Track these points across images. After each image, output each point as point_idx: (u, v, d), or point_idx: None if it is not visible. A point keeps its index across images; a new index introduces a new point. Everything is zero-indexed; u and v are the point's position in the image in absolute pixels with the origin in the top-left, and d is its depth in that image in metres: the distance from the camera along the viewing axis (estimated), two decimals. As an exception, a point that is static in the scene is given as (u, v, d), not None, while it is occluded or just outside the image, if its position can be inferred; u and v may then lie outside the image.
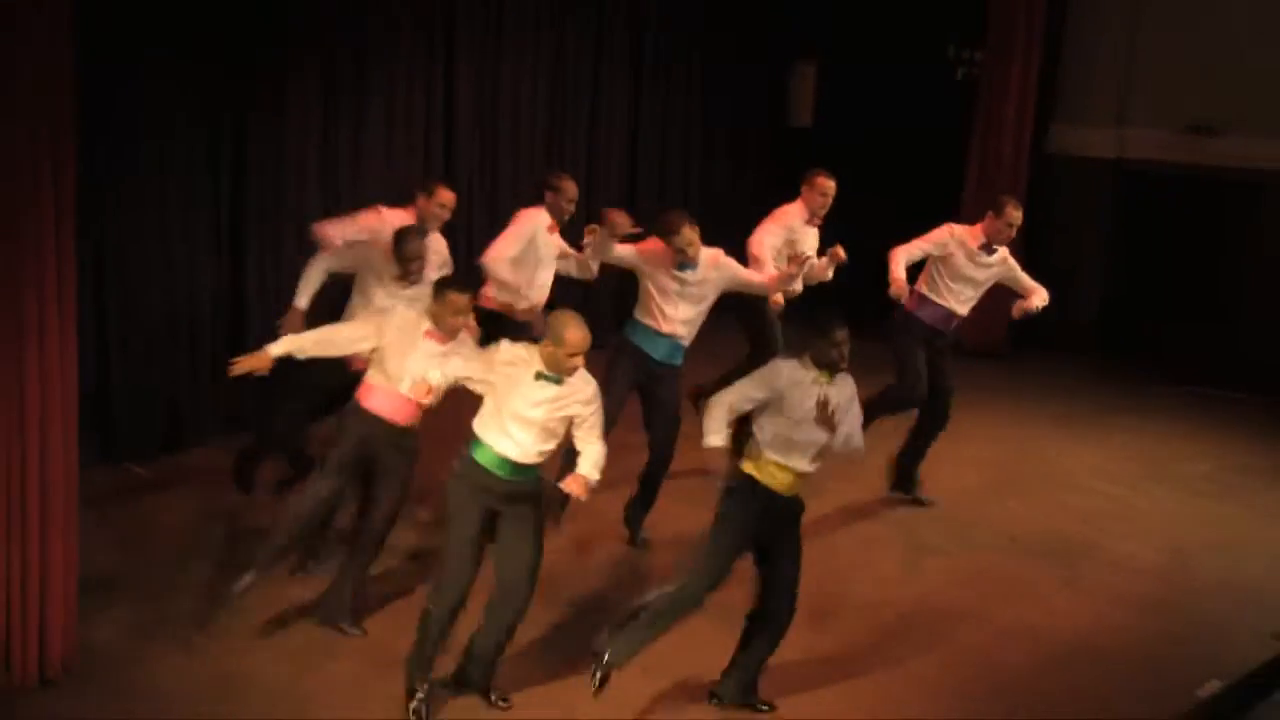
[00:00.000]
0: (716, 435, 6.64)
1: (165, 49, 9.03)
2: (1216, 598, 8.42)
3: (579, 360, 6.46)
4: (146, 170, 9.14)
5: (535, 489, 6.63)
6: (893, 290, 8.99)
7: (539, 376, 6.47)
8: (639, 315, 8.41)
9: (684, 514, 8.20)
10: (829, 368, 6.61)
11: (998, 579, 8.41)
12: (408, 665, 6.57)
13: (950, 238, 9.21)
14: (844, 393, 6.69)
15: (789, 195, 11.00)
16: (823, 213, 9.71)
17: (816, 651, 7.31)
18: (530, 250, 8.68)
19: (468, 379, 6.66)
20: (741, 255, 9.14)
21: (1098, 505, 9.71)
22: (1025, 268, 9.43)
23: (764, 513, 6.61)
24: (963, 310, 9.27)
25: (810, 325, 6.72)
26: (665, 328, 8.30)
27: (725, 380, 8.32)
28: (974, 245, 9.15)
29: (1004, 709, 7.06)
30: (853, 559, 8.55)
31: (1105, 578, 8.52)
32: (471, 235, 10.97)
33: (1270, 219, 10.22)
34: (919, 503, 9.45)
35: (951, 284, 9.20)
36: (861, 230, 10.13)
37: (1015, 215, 9.13)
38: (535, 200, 8.91)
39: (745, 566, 6.69)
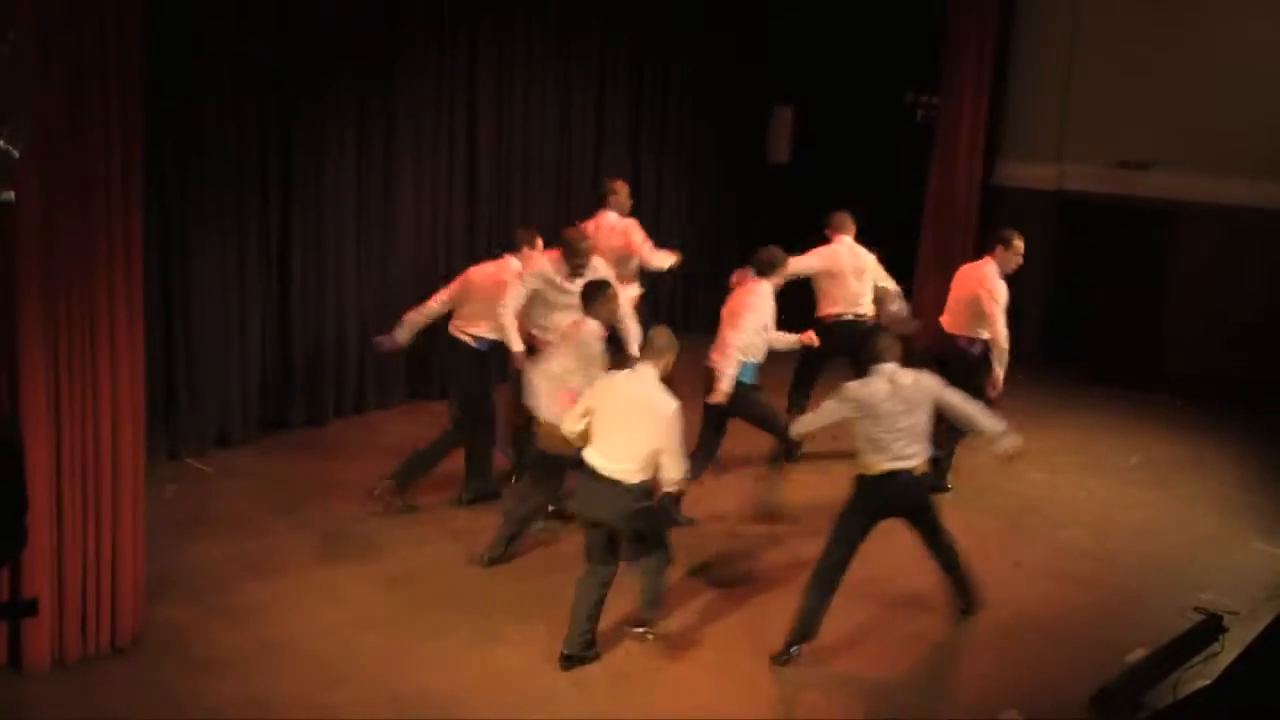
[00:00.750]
0: None
1: (217, 101, 9.09)
2: (1143, 575, 8.42)
3: None
4: (208, 210, 9.18)
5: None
6: None
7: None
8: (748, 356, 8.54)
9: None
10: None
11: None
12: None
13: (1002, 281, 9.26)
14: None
15: (768, 225, 11.07)
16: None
17: (775, 628, 7.20)
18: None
19: None
20: (727, 277, 9.19)
21: (1041, 494, 9.69)
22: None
23: None
24: None
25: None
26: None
27: None
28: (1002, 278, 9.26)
29: (958, 674, 7.08)
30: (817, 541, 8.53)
31: (1047, 558, 8.52)
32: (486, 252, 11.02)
33: (1188, 244, 10.25)
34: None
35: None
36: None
37: (1021, 244, 9.25)
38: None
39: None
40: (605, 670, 6.82)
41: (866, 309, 9.92)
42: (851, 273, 9.85)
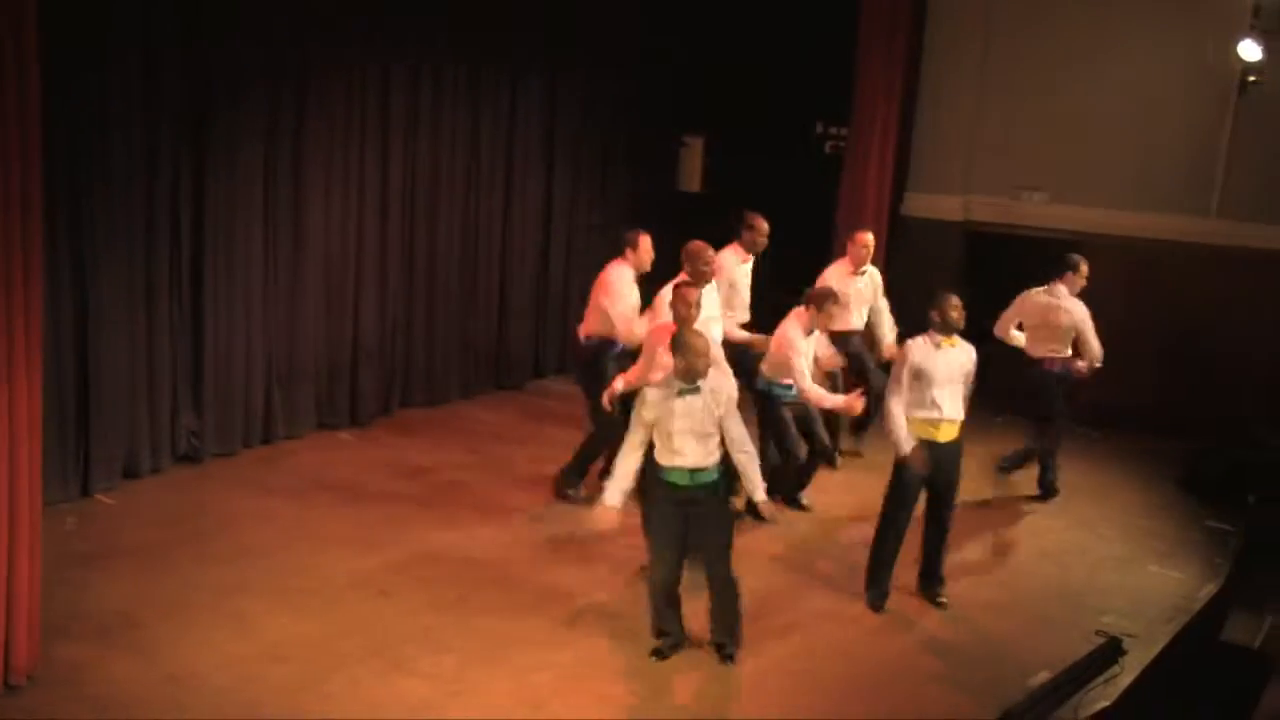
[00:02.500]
0: None
1: (125, 115, 8.93)
2: (1046, 599, 8.56)
3: (705, 362, 6.84)
4: (116, 241, 9.01)
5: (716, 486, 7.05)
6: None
7: (681, 394, 6.78)
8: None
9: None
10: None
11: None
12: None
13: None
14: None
15: (679, 254, 11.12)
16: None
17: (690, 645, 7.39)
18: None
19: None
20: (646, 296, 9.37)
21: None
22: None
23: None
24: None
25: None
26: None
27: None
28: None
29: (864, 697, 7.13)
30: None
31: (953, 583, 8.58)
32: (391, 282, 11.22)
33: (1091, 275, 10.48)
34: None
35: None
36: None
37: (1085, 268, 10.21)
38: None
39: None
40: (513, 700, 6.80)
41: None
42: None
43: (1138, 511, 10.28)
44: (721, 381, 7.08)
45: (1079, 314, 10.05)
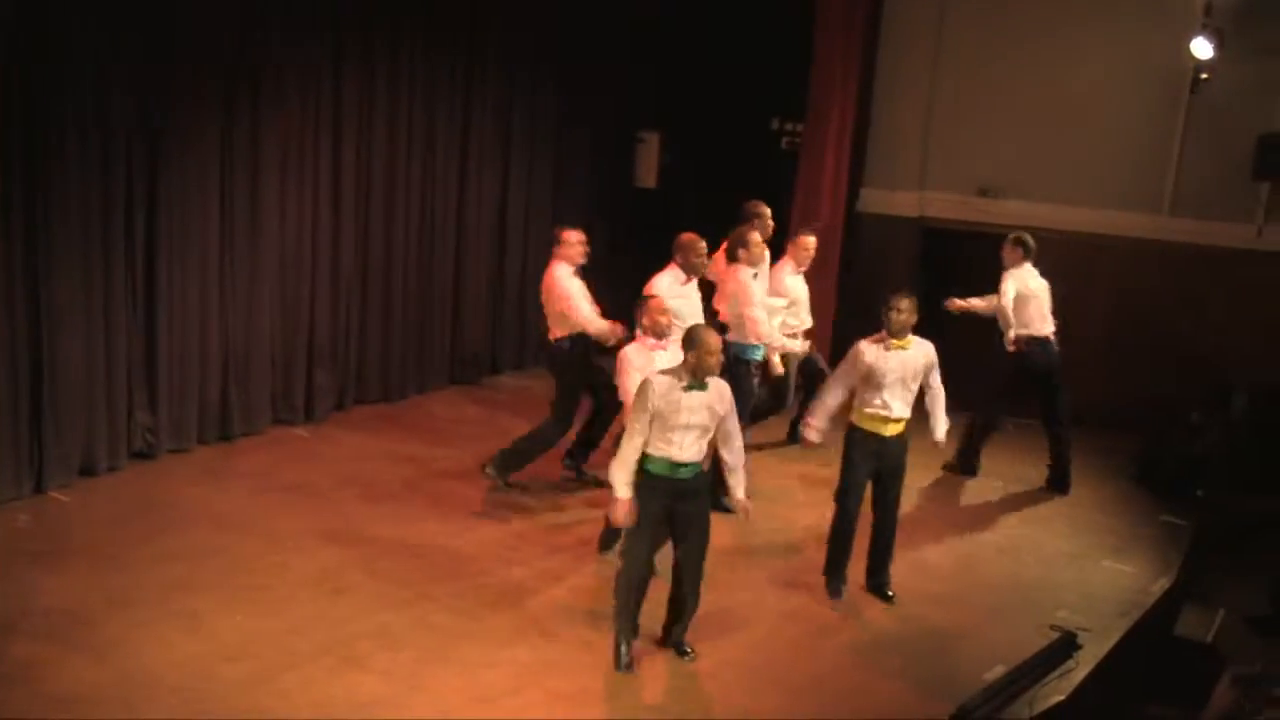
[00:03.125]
0: None
1: (79, 114, 8.81)
2: (1001, 594, 8.61)
3: (715, 359, 6.85)
4: (69, 226, 8.88)
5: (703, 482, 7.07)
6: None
7: (689, 388, 6.80)
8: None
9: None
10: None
11: (822, 580, 8.44)
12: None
13: None
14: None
15: (636, 247, 11.22)
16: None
17: (646, 643, 7.39)
18: None
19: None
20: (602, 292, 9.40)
21: (902, 515, 9.80)
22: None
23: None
24: None
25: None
26: None
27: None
28: None
29: (820, 693, 7.15)
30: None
31: (908, 578, 8.65)
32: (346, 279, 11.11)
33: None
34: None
35: None
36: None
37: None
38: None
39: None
40: (465, 697, 6.78)
41: None
42: None
43: (1090, 506, 10.37)
44: (723, 382, 7.09)
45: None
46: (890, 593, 8.32)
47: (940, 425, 8.40)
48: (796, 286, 10.66)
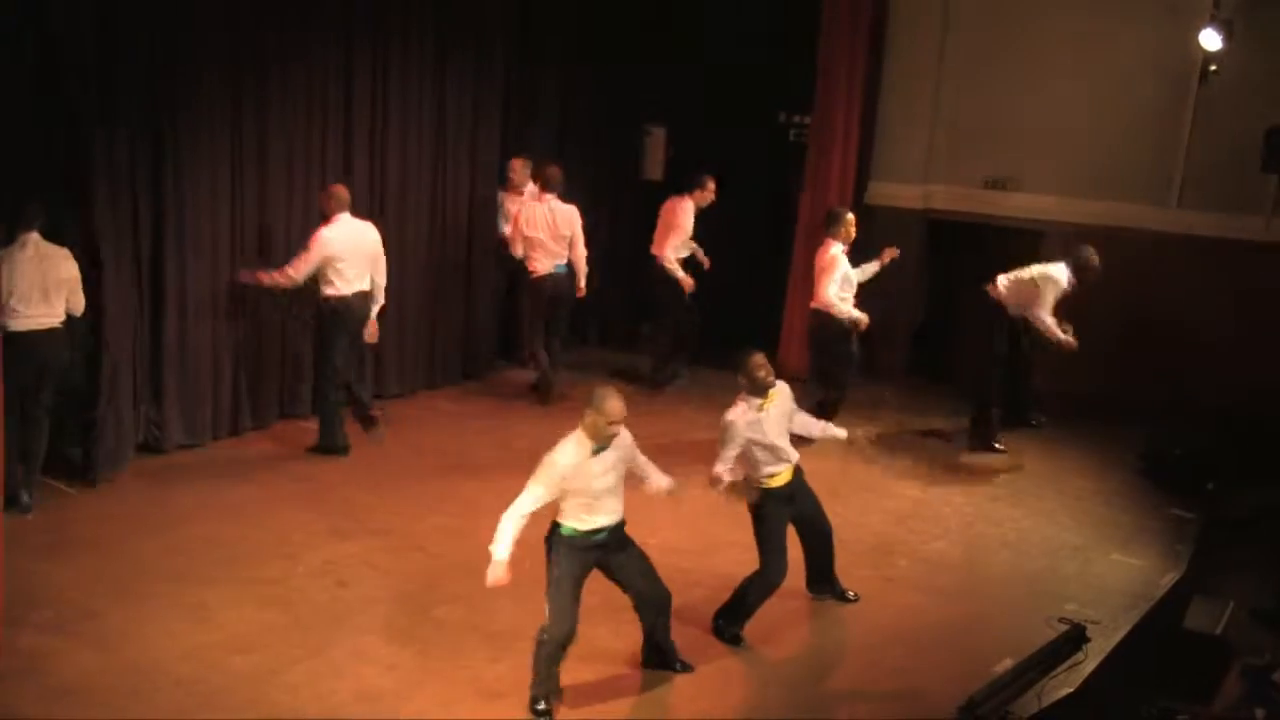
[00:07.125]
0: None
1: (85, 105, 8.80)
2: (1008, 587, 8.57)
3: (619, 428, 6.53)
4: (79, 219, 8.91)
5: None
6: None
7: (596, 452, 6.52)
8: None
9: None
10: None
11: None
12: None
13: None
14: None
15: (642, 238, 11.22)
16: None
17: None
18: None
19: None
20: (603, 284, 9.31)
21: (909, 509, 9.83)
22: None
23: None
24: None
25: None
26: None
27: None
28: None
29: (828, 688, 7.13)
30: (694, 554, 8.57)
31: (915, 571, 8.63)
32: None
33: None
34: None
35: None
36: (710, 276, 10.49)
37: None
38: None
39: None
40: (471, 690, 6.76)
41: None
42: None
43: (1097, 499, 10.30)
44: (623, 432, 6.75)
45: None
46: (850, 594, 8.18)
47: (823, 429, 8.18)
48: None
